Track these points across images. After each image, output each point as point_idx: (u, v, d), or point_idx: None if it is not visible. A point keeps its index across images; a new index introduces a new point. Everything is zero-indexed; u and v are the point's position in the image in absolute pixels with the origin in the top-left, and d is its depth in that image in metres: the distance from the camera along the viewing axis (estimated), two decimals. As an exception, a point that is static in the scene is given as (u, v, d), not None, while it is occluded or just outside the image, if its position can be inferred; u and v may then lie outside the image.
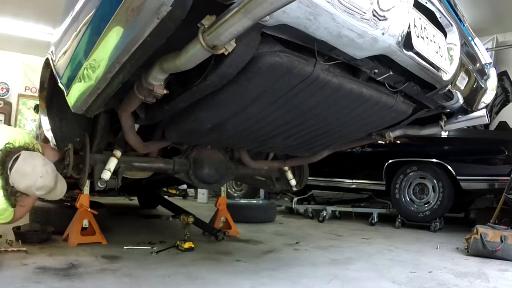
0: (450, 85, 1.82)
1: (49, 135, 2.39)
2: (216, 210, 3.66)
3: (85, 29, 1.36)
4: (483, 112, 2.32)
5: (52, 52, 1.90)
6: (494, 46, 6.77)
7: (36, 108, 3.46)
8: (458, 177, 4.26)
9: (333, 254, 2.95)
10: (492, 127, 5.08)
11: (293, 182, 2.99)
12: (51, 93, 2.23)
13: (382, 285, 2.16)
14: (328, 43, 1.24)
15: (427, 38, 1.55)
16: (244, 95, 1.51)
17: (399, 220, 4.52)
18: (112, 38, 1.14)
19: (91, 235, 2.91)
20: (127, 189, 5.06)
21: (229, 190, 6.22)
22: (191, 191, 7.90)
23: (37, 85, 2.35)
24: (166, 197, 5.41)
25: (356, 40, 1.22)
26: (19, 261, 2.29)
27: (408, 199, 4.60)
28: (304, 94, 1.55)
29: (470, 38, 2.09)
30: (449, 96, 1.93)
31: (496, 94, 3.93)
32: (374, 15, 1.20)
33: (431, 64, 1.59)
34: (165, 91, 1.39)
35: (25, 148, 1.92)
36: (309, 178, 3.15)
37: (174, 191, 7.66)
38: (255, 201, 5.18)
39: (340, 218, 4.94)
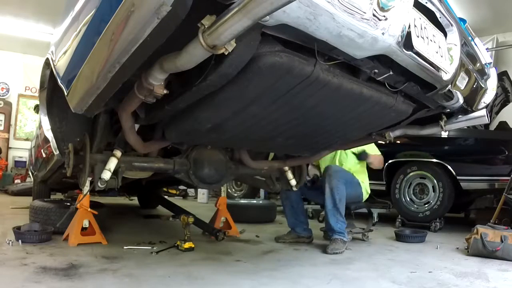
0: (450, 85, 1.81)
1: (49, 135, 2.39)
2: (216, 210, 3.66)
3: (85, 29, 1.36)
4: (483, 112, 2.32)
5: (52, 52, 1.90)
6: (494, 46, 6.78)
7: (36, 108, 3.46)
8: (458, 177, 4.26)
9: (333, 254, 2.94)
10: (492, 127, 5.08)
11: (293, 182, 2.99)
12: (51, 93, 2.23)
13: (382, 285, 2.16)
14: (328, 43, 1.24)
15: (427, 38, 1.55)
16: (244, 95, 1.51)
17: (399, 220, 4.53)
18: (112, 38, 1.14)
19: (91, 235, 2.91)
20: (127, 189, 5.07)
21: (229, 190, 6.22)
22: (191, 191, 7.91)
23: (37, 85, 2.35)
24: (166, 197, 5.41)
25: (356, 40, 1.22)
26: (19, 261, 2.29)
27: (408, 199, 4.60)
28: (304, 94, 1.55)
29: (470, 38, 2.09)
30: (449, 96, 1.93)
31: (496, 94, 3.94)
32: (374, 15, 1.20)
33: (431, 64, 1.59)
34: (165, 91, 1.39)
35: None
36: (309, 178, 3.17)
37: (174, 191, 7.67)
38: (255, 201, 5.18)
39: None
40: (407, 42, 1.40)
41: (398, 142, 4.57)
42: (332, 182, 3.05)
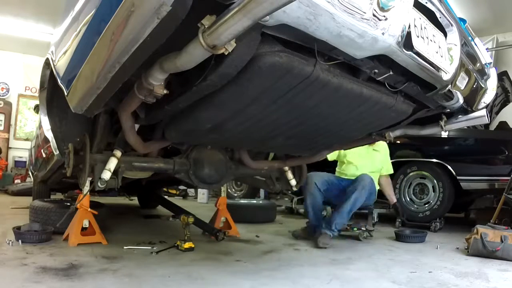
0: (450, 85, 1.81)
1: (49, 135, 2.39)
2: (216, 210, 3.66)
3: (85, 29, 1.36)
4: (483, 112, 2.32)
5: (52, 52, 1.90)
6: (494, 46, 6.79)
7: (36, 108, 3.46)
8: (458, 177, 4.26)
9: (333, 254, 2.95)
10: (492, 127, 5.08)
11: (293, 182, 2.99)
12: (51, 93, 2.23)
13: (382, 285, 2.16)
14: (328, 43, 1.24)
15: (427, 38, 1.55)
16: (244, 95, 1.51)
17: (399, 220, 4.53)
18: (112, 39, 1.14)
19: (91, 235, 2.91)
20: (127, 189, 5.07)
21: (229, 190, 6.22)
22: (191, 191, 7.91)
23: (37, 85, 2.35)
24: (166, 197, 5.41)
25: (356, 40, 1.22)
26: (19, 261, 2.29)
27: (408, 199, 4.61)
28: (304, 94, 1.55)
29: (470, 38, 2.09)
30: (449, 96, 1.93)
31: (496, 94, 3.94)
32: (374, 15, 1.20)
33: (431, 64, 1.59)
34: (165, 91, 1.38)
35: None
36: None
37: (174, 191, 7.67)
38: (255, 201, 5.18)
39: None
40: (407, 42, 1.39)
41: (398, 142, 4.57)
42: (362, 192, 3.28)
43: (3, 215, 4.28)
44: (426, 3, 1.58)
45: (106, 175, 2.09)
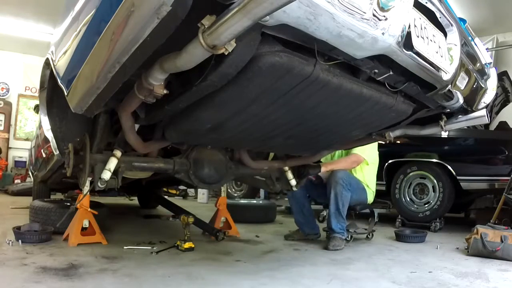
0: (450, 85, 1.81)
1: (49, 135, 2.39)
2: (216, 210, 3.67)
3: (85, 29, 1.36)
4: (483, 112, 2.32)
5: (52, 52, 1.90)
6: (494, 46, 6.79)
7: (36, 108, 3.47)
8: (458, 177, 4.26)
9: (333, 254, 2.95)
10: (492, 127, 5.09)
11: (293, 182, 2.99)
12: (51, 93, 2.23)
13: (382, 285, 2.16)
14: (328, 43, 1.24)
15: (427, 38, 1.55)
16: (244, 95, 1.51)
17: (399, 220, 4.53)
18: (112, 39, 1.14)
19: (91, 235, 2.91)
20: (127, 189, 5.08)
21: (229, 190, 6.23)
22: (191, 191, 7.91)
23: (37, 85, 2.35)
24: (166, 197, 5.42)
25: (356, 40, 1.22)
26: (19, 261, 2.29)
27: (408, 199, 4.61)
28: (304, 94, 1.55)
29: (470, 38, 2.09)
30: (449, 96, 1.93)
31: (496, 94, 3.94)
32: (374, 15, 1.20)
33: (431, 64, 1.59)
34: (165, 91, 1.38)
35: None
36: (308, 178, 3.16)
37: (174, 191, 7.67)
38: (255, 201, 5.18)
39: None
40: (407, 42, 1.39)
41: (398, 142, 4.57)
42: (337, 188, 3.15)
43: (3, 215, 4.29)
44: (426, 3, 1.58)
45: (106, 175, 2.09)
